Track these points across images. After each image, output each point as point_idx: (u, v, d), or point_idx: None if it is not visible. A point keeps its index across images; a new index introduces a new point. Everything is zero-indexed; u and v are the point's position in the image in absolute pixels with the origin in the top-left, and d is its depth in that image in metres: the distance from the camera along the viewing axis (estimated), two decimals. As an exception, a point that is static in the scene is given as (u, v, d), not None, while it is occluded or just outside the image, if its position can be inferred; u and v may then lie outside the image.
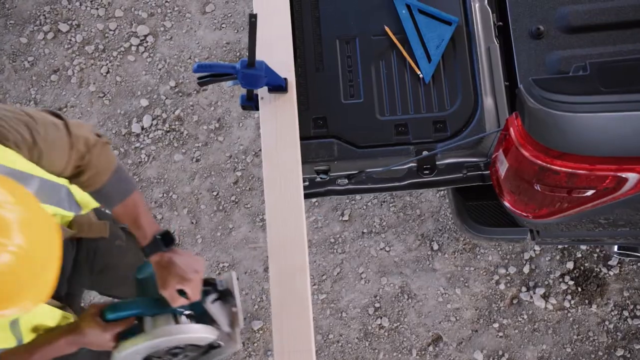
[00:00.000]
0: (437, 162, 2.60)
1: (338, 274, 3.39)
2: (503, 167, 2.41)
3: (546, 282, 3.31)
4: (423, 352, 3.25)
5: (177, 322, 1.99)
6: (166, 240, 1.98)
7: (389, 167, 2.60)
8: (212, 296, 2.05)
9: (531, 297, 3.30)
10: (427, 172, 2.61)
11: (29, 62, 3.71)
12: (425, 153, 2.57)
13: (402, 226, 3.43)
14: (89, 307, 1.94)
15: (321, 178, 2.65)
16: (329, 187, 2.70)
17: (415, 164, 2.61)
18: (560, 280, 3.31)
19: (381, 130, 2.63)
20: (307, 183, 2.69)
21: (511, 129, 2.28)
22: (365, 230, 3.44)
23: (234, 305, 2.12)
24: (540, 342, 3.24)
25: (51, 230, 1.48)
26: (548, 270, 3.33)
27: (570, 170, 2.21)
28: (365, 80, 2.70)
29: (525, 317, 3.27)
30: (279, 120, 2.58)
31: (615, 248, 2.92)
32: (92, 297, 3.25)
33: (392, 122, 2.63)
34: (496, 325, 3.27)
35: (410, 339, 3.27)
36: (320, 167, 2.63)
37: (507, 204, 2.52)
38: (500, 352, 3.23)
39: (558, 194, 2.32)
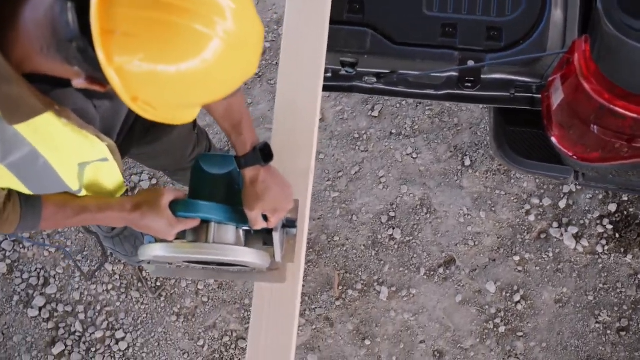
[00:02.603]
0: (483, 76, 2.25)
1: (356, 173, 3.09)
2: (557, 95, 2.04)
3: (581, 222, 2.99)
4: (432, 273, 2.99)
5: (237, 235, 1.87)
6: (265, 154, 1.82)
7: (427, 72, 2.25)
8: (280, 223, 1.90)
9: (562, 234, 2.98)
10: (469, 84, 2.25)
11: None
12: (471, 63, 2.21)
13: (435, 133, 3.09)
14: (159, 193, 1.78)
15: (346, 72, 2.31)
16: (354, 83, 2.37)
17: (457, 74, 2.25)
18: (598, 222, 2.98)
19: (425, 28, 2.26)
20: (329, 74, 2.35)
21: (576, 55, 1.90)
22: (394, 131, 3.11)
23: (293, 237, 1.98)
24: (561, 285, 2.95)
25: (260, 28, 1.32)
26: (587, 209, 2.99)
27: (637, 116, 1.84)
28: (418, -36, 2.30)
29: (551, 255, 2.97)
30: (309, -5, 2.21)
31: (669, 202, 2.57)
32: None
33: (439, 20, 2.25)
34: (517, 258, 2.97)
35: (420, 257, 3.00)
36: (348, 58, 2.29)
37: (553, 138, 2.17)
38: (515, 288, 2.95)
39: (616, 140, 1.96)
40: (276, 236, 1.87)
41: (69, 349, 3.00)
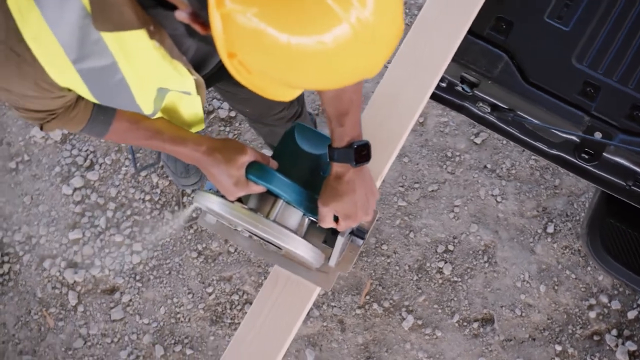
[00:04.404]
0: (605, 153, 1.97)
1: (432, 191, 2.86)
2: (678, 210, 1.76)
3: (643, 341, 2.69)
4: (464, 324, 2.75)
5: (300, 222, 1.68)
6: (360, 153, 1.59)
7: (548, 126, 1.99)
8: (350, 229, 1.71)
9: (617, 345, 2.69)
10: (586, 157, 1.99)
11: None
12: (598, 135, 1.94)
13: (529, 185, 2.82)
14: (242, 150, 1.60)
15: (463, 89, 2.07)
16: (465, 104, 2.12)
17: (578, 140, 1.98)
18: (661, 349, 2.68)
19: (566, 78, 2.00)
20: (444, 84, 2.11)
21: None
22: (488, 166, 2.85)
23: (356, 248, 1.77)
24: (592, 395, 2.68)
25: (400, 28, 1.09)
26: (654, 330, 2.69)
27: None
28: (588, 7, 2.03)
29: (595, 360, 2.69)
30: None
31: None
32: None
33: (584, 76, 1.99)
34: (559, 348, 2.70)
35: (460, 303, 2.76)
36: (470, 76, 2.05)
37: (653, 252, 1.89)
38: (544, 377, 2.69)
39: None
40: (340, 241, 1.67)
41: (84, 239, 2.91)
